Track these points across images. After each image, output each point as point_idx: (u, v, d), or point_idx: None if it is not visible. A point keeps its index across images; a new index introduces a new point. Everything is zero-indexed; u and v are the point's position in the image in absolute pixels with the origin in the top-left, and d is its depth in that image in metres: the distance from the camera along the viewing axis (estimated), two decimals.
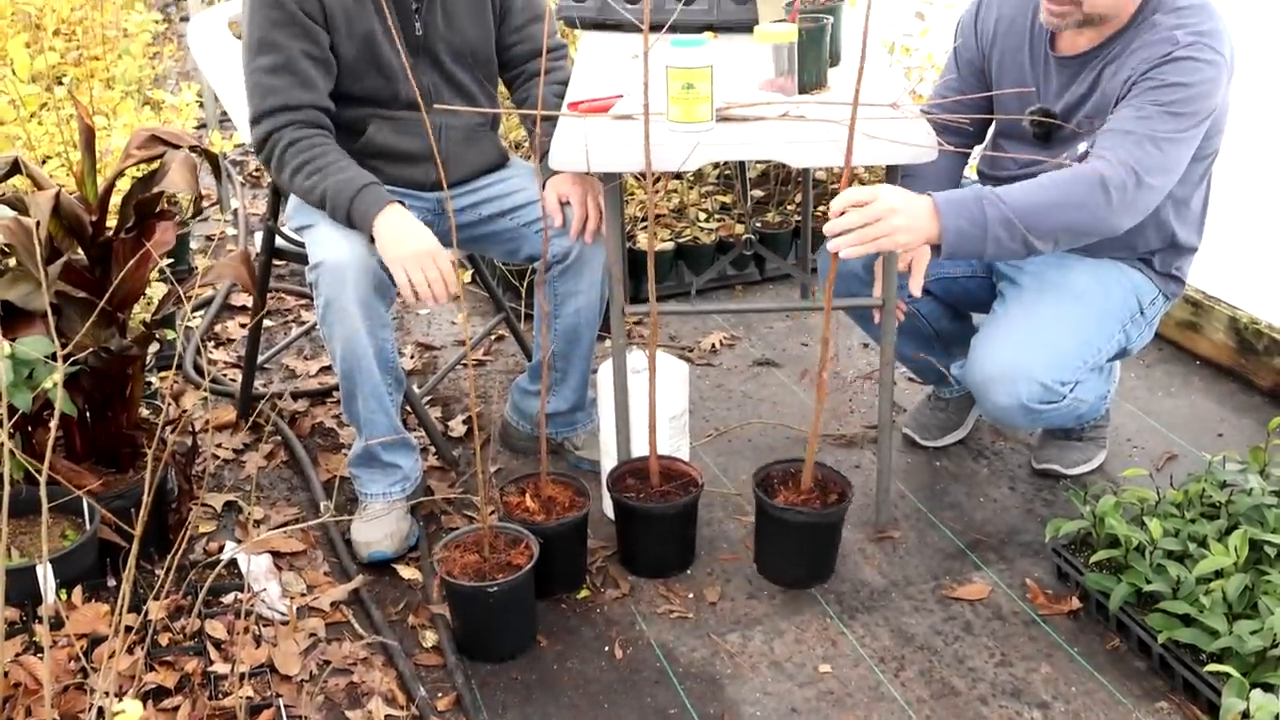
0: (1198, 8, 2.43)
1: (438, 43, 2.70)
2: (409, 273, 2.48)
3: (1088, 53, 2.52)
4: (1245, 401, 3.29)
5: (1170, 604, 2.28)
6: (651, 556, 2.65)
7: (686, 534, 2.67)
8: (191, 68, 6.50)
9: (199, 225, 4.62)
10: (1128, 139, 2.37)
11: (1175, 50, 2.38)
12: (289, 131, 2.55)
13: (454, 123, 2.77)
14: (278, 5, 2.52)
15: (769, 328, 3.80)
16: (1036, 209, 2.35)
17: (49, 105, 3.93)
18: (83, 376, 2.45)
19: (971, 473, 3.02)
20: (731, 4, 3.10)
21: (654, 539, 2.63)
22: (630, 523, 2.63)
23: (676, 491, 2.61)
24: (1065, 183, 2.36)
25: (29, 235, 2.30)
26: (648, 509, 2.58)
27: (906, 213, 2.29)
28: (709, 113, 2.40)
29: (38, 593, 2.20)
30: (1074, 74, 2.55)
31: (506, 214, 2.83)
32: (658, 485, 2.62)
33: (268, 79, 2.55)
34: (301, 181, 2.54)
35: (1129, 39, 2.47)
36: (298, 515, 2.88)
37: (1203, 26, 2.40)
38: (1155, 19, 2.44)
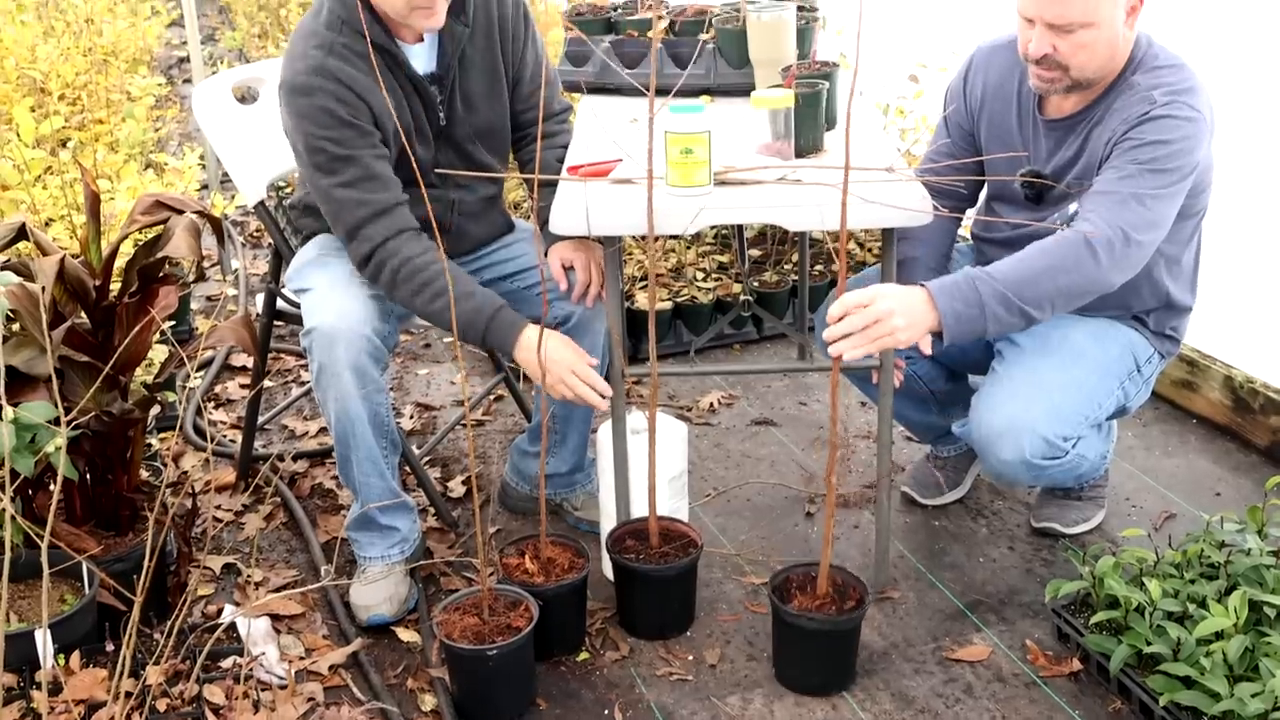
0: (1174, 68, 2.48)
1: (458, 127, 2.72)
2: (562, 394, 2.53)
3: (1074, 116, 2.57)
4: (1242, 460, 3.30)
5: (1171, 666, 2.28)
6: (651, 618, 2.65)
7: (687, 595, 2.67)
8: (194, 129, 6.55)
9: (200, 286, 4.65)
10: (1111, 199, 2.40)
11: (1153, 109, 2.42)
12: (393, 245, 2.52)
13: (467, 197, 2.79)
14: (333, 116, 2.49)
15: (767, 387, 3.81)
16: (1028, 279, 2.36)
17: (53, 169, 3.97)
18: (84, 440, 2.46)
19: (971, 532, 3.02)
20: (729, 69, 3.13)
21: (654, 600, 2.63)
22: (630, 584, 2.63)
23: (676, 553, 2.61)
24: (1052, 249, 2.39)
25: (34, 301, 2.32)
26: (647, 571, 2.58)
27: (905, 311, 2.32)
28: (707, 177, 2.43)
29: (36, 658, 2.19)
30: (1062, 137, 2.59)
31: (508, 278, 2.85)
32: (657, 546, 2.62)
33: (351, 193, 2.52)
34: (425, 305, 2.53)
35: (1110, 100, 2.52)
36: (297, 577, 2.88)
37: (1179, 85, 2.45)
38: (1134, 80, 2.49)
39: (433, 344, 4.23)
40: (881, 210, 2.37)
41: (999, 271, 2.37)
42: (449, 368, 4.03)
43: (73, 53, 5.49)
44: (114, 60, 5.74)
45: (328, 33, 2.52)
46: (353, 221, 2.54)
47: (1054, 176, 2.60)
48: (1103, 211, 2.39)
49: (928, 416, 3.03)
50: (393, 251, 2.52)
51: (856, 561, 2.87)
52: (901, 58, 4.12)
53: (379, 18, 2.54)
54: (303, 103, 2.50)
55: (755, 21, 2.95)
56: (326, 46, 2.50)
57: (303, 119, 2.51)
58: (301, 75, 2.50)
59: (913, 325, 2.33)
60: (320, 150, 2.51)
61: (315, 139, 2.51)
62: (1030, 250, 2.42)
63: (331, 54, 2.49)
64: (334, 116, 2.49)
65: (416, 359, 4.12)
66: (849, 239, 4.35)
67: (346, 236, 2.56)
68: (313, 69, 2.49)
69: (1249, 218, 3.12)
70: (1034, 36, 2.43)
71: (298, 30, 2.59)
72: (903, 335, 2.32)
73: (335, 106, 2.49)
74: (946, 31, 3.87)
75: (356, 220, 2.53)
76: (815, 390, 3.77)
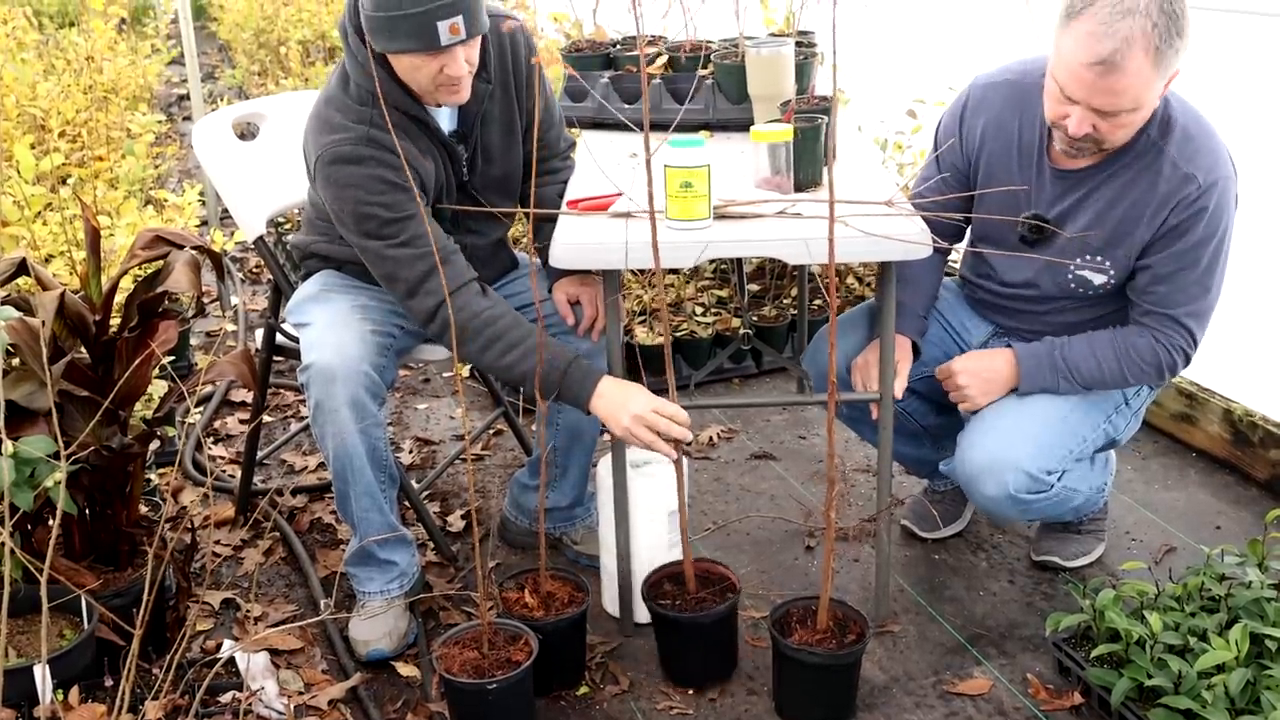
0: (1207, 140, 2.46)
1: (476, 179, 2.74)
2: (639, 442, 2.47)
3: (1088, 170, 2.54)
4: (1242, 494, 3.30)
5: (1173, 699, 2.27)
6: (693, 666, 2.61)
7: (729, 641, 2.63)
8: (194, 166, 6.59)
9: (200, 321, 4.66)
10: (1181, 321, 2.55)
11: (1201, 199, 2.44)
12: (459, 300, 2.49)
13: (479, 241, 2.80)
14: (385, 182, 2.48)
15: (766, 421, 3.81)
16: (1096, 378, 2.61)
17: (53, 205, 3.98)
18: (83, 474, 2.45)
19: (971, 566, 3.02)
20: (727, 104, 3.15)
21: (695, 648, 2.60)
22: (668, 633, 2.60)
23: (714, 597, 2.58)
24: (1127, 361, 2.59)
25: (34, 336, 2.32)
26: (685, 619, 2.55)
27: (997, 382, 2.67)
28: (707, 210, 2.44)
29: (35, 693, 2.18)
30: (1070, 186, 2.57)
31: None
32: (695, 591, 2.59)
33: (407, 251, 2.50)
34: (494, 360, 2.52)
35: (1131, 158, 2.49)
36: (296, 612, 2.88)
37: (1220, 170, 2.45)
38: (1161, 145, 2.46)
39: (432, 379, 4.23)
40: (881, 243, 2.38)
41: (1079, 371, 2.61)
42: (448, 402, 4.03)
43: (73, 90, 5.52)
44: (114, 98, 5.77)
45: (361, 107, 2.51)
46: (414, 278, 2.51)
47: (1056, 222, 2.60)
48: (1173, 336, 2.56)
49: (921, 451, 3.03)
50: (459, 307, 2.49)
51: (856, 595, 2.87)
52: (899, 93, 4.14)
53: (405, 87, 2.54)
54: (352, 171, 2.49)
55: (754, 57, 2.97)
56: (367, 120, 2.50)
57: (352, 188, 2.49)
58: (348, 145, 2.49)
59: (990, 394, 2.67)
60: (372, 217, 2.49)
61: (366, 205, 2.49)
62: (1107, 351, 2.60)
63: (373, 125, 2.49)
64: (386, 182, 2.48)
65: (416, 394, 4.12)
66: (847, 272, 4.37)
67: (408, 293, 2.53)
68: (360, 139, 2.49)
69: (1247, 253, 3.13)
70: (1074, 115, 2.37)
71: (326, 103, 2.57)
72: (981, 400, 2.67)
73: (387, 173, 2.48)
74: (943, 67, 3.89)
75: (417, 275, 2.50)
76: (814, 424, 3.78)
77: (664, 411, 2.45)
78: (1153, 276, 2.53)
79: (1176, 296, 2.53)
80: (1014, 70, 2.64)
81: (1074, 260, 2.58)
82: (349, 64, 2.55)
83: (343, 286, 2.75)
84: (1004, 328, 2.83)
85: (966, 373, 2.67)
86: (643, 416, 2.44)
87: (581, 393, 2.50)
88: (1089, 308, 2.67)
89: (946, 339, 2.86)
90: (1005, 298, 2.77)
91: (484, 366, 2.58)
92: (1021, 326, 2.77)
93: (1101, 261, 2.56)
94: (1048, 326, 2.71)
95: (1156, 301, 2.55)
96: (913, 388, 2.75)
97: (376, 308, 2.68)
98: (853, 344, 2.76)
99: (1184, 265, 2.50)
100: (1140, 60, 2.25)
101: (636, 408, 2.45)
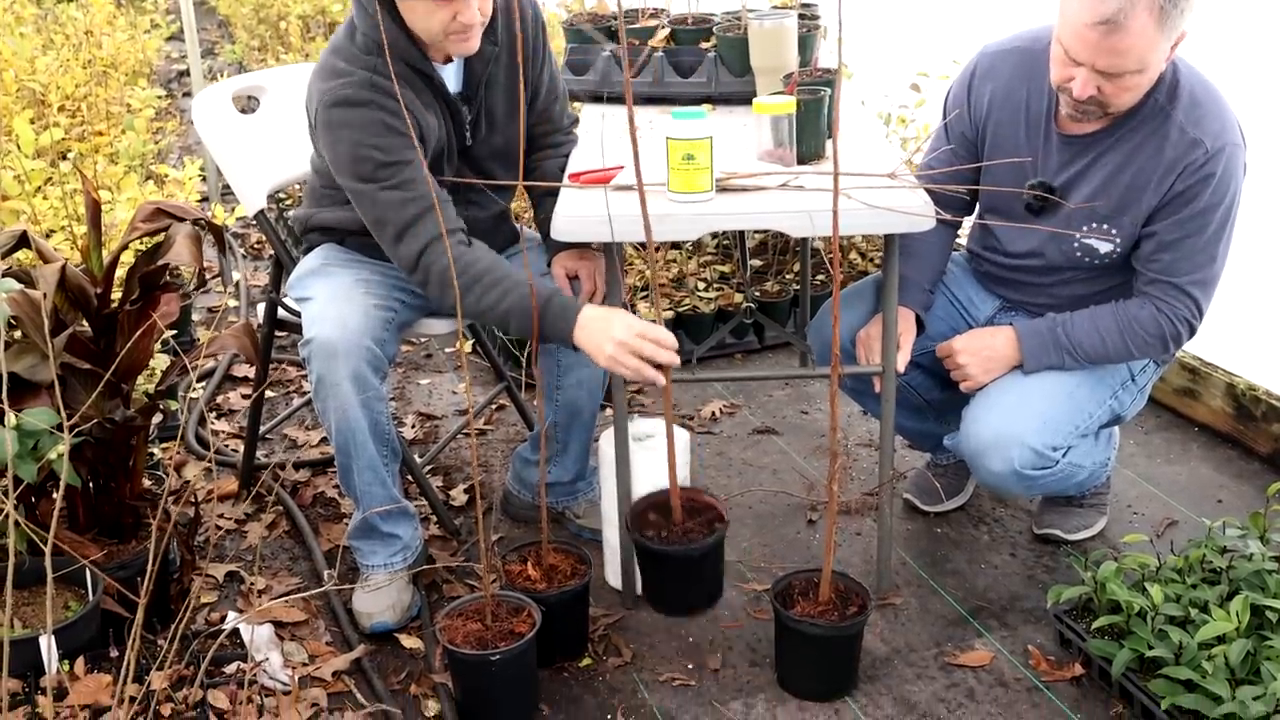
0: (1215, 107, 2.46)
1: (479, 147, 2.73)
2: (626, 370, 2.40)
3: (1094, 134, 2.54)
4: (1244, 467, 3.30)
5: (1173, 670, 2.28)
6: (676, 596, 2.60)
7: (716, 571, 2.60)
8: (194, 142, 6.57)
9: (201, 297, 4.65)
10: (1186, 290, 2.55)
11: (1209, 164, 2.44)
12: (442, 246, 2.46)
13: (480, 214, 2.79)
14: (384, 126, 2.47)
15: (768, 396, 3.81)
16: (1100, 352, 2.61)
17: (54, 180, 3.98)
18: (86, 447, 2.46)
19: (972, 539, 3.02)
20: (730, 76, 3.14)
21: (677, 580, 2.57)
22: (652, 566, 2.58)
23: (700, 529, 2.53)
24: (1130, 334, 2.59)
25: (35, 308, 2.32)
26: (670, 552, 2.51)
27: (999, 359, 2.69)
28: (709, 183, 2.43)
29: (40, 664, 2.19)
30: (1078, 152, 2.57)
31: None
32: (681, 522, 2.54)
33: (397, 194, 2.49)
34: (476, 302, 2.47)
35: (1138, 123, 2.49)
36: (300, 585, 2.88)
37: (1229, 136, 2.45)
38: (1170, 113, 2.46)
39: (434, 354, 4.23)
40: (885, 215, 2.37)
41: (1082, 346, 2.61)
42: (451, 377, 4.03)
43: (72, 65, 5.49)
44: (114, 73, 5.75)
45: (367, 56, 2.51)
46: (401, 221, 2.50)
47: (1063, 189, 2.59)
48: (1178, 306, 2.55)
49: (924, 425, 3.04)
50: (442, 252, 2.46)
51: (858, 568, 2.88)
52: (902, 67, 4.13)
53: (413, 40, 2.54)
54: (352, 114, 2.48)
55: (757, 29, 2.96)
56: (370, 67, 2.49)
57: (350, 129, 2.49)
58: (350, 89, 2.48)
59: (991, 372, 2.68)
60: (367, 159, 2.48)
61: (363, 148, 2.48)
62: (1109, 324, 2.59)
63: (376, 73, 2.48)
64: (385, 126, 2.47)
65: (418, 369, 4.12)
66: (850, 248, 4.37)
67: (395, 237, 2.51)
68: (362, 84, 2.48)
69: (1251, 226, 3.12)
70: (1079, 78, 2.37)
71: (332, 52, 2.57)
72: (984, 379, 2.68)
73: (386, 118, 2.47)
74: (947, 40, 3.88)
75: (405, 219, 2.49)
76: (817, 399, 3.78)
77: (648, 334, 2.38)
78: (1158, 244, 2.53)
79: (1181, 264, 2.52)
80: (1024, 38, 2.63)
81: (1080, 229, 2.58)
82: (356, 15, 2.54)
83: (344, 260, 2.74)
84: (1011, 301, 2.82)
85: (967, 351, 2.67)
86: (626, 343, 2.37)
87: (564, 326, 2.43)
88: (1096, 279, 2.66)
89: (953, 313, 2.86)
90: (1011, 270, 2.77)
91: (467, 309, 2.51)
92: (1028, 300, 2.77)
93: (1108, 229, 2.56)
94: (1054, 299, 2.71)
95: (1161, 270, 2.54)
96: (916, 361, 2.75)
97: (379, 281, 2.67)
98: (856, 317, 2.76)
99: (1190, 232, 2.49)
100: (1144, 20, 2.25)
101: (619, 333, 2.38)
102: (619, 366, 2.40)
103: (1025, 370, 2.64)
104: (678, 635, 2.68)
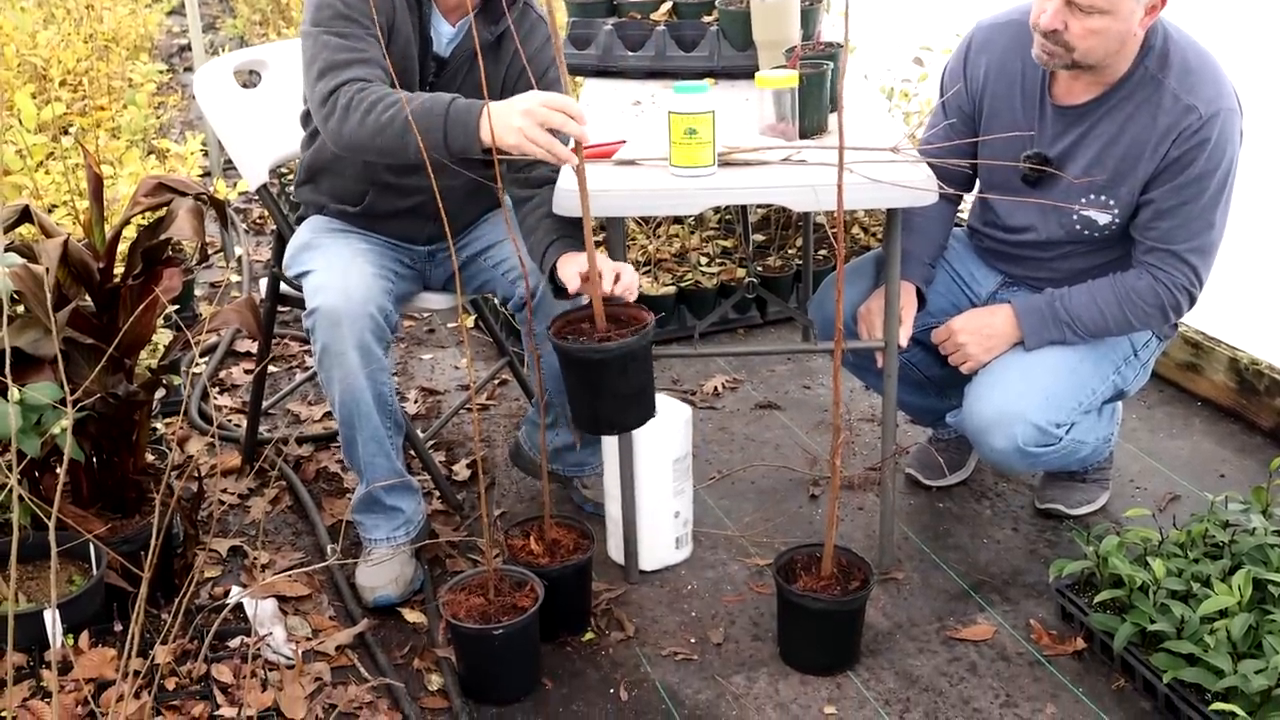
0: (1209, 72, 2.46)
1: None
2: (538, 147, 2.25)
3: (1087, 103, 2.54)
4: (1247, 442, 3.30)
5: (1175, 644, 2.28)
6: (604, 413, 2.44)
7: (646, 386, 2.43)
8: (195, 117, 6.55)
9: (203, 273, 4.65)
10: (1184, 257, 2.53)
11: (1204, 129, 2.43)
12: (360, 84, 2.41)
13: (455, 183, 2.74)
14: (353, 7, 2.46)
15: (771, 371, 3.81)
16: (1100, 326, 2.61)
17: (55, 155, 3.97)
18: (90, 422, 2.46)
19: (974, 514, 3.03)
20: (732, 51, 3.13)
21: (606, 392, 2.39)
22: (576, 373, 2.39)
23: (625, 333, 2.35)
24: (1129, 305, 2.58)
25: (38, 282, 2.32)
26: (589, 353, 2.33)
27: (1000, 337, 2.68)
28: (711, 157, 2.43)
29: (45, 638, 2.20)
30: (1071, 122, 2.57)
31: (478, 256, 2.85)
32: (604, 329, 2.37)
33: (338, 40, 2.45)
34: (376, 121, 2.35)
35: (1130, 91, 2.50)
36: (303, 559, 2.89)
37: (1223, 102, 2.44)
38: (1161, 79, 2.46)
39: (436, 329, 4.23)
40: (888, 190, 2.37)
41: (1081, 320, 2.60)
42: (453, 353, 4.03)
43: (74, 39, 5.48)
44: (115, 47, 5.73)
45: None
46: (328, 62, 2.44)
47: (1059, 160, 2.59)
48: (1175, 274, 2.54)
49: (927, 400, 3.04)
50: (357, 87, 2.40)
51: (861, 543, 2.88)
52: (905, 41, 4.11)
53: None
54: None
55: (759, 3, 2.95)
56: None
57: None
58: None
59: (991, 350, 2.67)
60: (328, 6, 2.46)
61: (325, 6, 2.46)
62: (1107, 296, 2.58)
63: None
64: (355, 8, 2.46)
65: (421, 344, 4.12)
66: (853, 222, 4.36)
67: (317, 75, 2.44)
68: None
69: (1255, 200, 3.11)
70: (1049, 8, 2.40)
71: None
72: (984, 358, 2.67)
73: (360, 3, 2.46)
74: (950, 14, 3.86)
75: (333, 62, 2.43)
76: (819, 374, 3.78)
77: (555, 104, 2.24)
78: (1155, 212, 2.53)
79: (1179, 232, 2.52)
80: (1019, 11, 2.63)
81: (1078, 200, 2.57)
82: None
83: (333, 231, 2.74)
84: (1013, 277, 2.82)
85: (966, 331, 2.67)
86: (533, 111, 2.23)
87: (469, 123, 2.30)
88: (1096, 252, 2.66)
89: (955, 289, 2.86)
90: (1012, 245, 2.76)
91: (367, 135, 2.37)
92: (1029, 275, 2.77)
93: (1105, 200, 2.56)
94: (1055, 273, 2.70)
95: (1159, 238, 2.54)
96: (916, 338, 2.75)
97: (371, 250, 2.67)
98: (858, 292, 2.76)
99: (1186, 199, 2.49)
100: None
101: (524, 104, 2.25)
102: (529, 145, 2.25)
103: (1027, 346, 2.63)
104: (680, 610, 2.69)
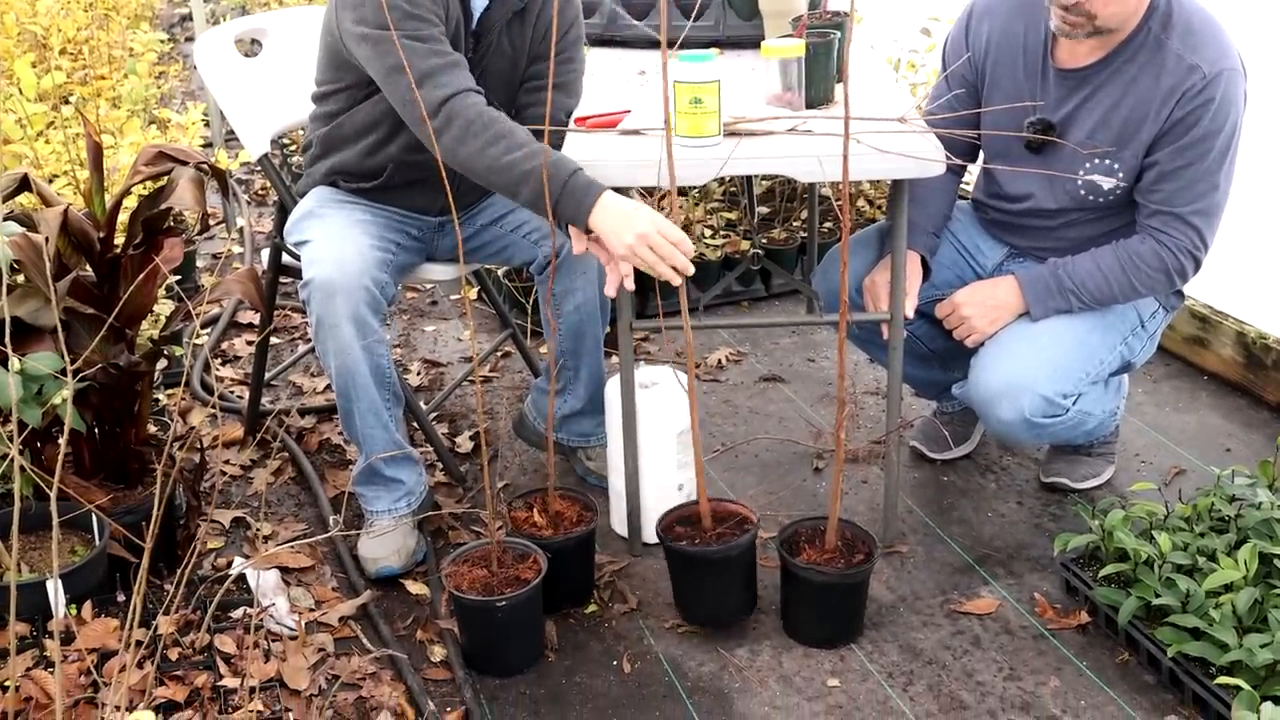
0: (1211, 33, 2.45)
1: None
2: (643, 262, 2.31)
3: (1089, 66, 2.53)
4: (1253, 416, 3.29)
5: (1180, 618, 2.28)
6: (709, 603, 2.53)
7: (749, 578, 2.54)
8: (197, 87, 6.53)
9: (205, 244, 4.64)
10: (1188, 220, 2.52)
11: (1207, 89, 2.41)
12: (471, 98, 2.40)
13: None
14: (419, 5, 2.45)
15: (775, 343, 3.80)
16: (1110, 295, 2.60)
17: (55, 124, 3.95)
18: (91, 393, 2.45)
19: (979, 487, 3.02)
20: (738, 20, 3.11)
21: (712, 586, 2.51)
22: (686, 570, 2.52)
23: (730, 532, 2.49)
24: (1133, 270, 2.57)
25: (38, 252, 2.30)
26: (705, 554, 2.46)
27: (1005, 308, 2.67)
28: (716, 127, 2.41)
29: (48, 608, 2.20)
30: (1075, 86, 2.56)
31: (496, 222, 2.85)
32: (711, 528, 2.49)
33: (421, 44, 2.43)
34: (497, 158, 2.35)
35: (1132, 53, 2.48)
36: (306, 531, 2.89)
37: (1225, 62, 2.42)
38: (1163, 39, 2.45)
39: (439, 301, 4.22)
40: (895, 160, 2.35)
41: (1085, 287, 2.59)
42: (456, 325, 4.02)
43: (74, 8, 5.44)
44: (115, 16, 5.70)
45: None
46: (425, 68, 2.41)
47: (1062, 125, 2.57)
48: (1179, 237, 2.53)
49: (930, 373, 3.02)
50: (471, 103, 2.39)
51: (865, 516, 2.87)
52: (912, 11, 4.08)
53: None
54: None
55: None
56: None
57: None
58: None
59: (996, 322, 2.66)
60: (396, 7, 2.42)
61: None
62: (1111, 262, 2.57)
63: None
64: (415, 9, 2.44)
65: (423, 316, 4.11)
66: (858, 194, 4.34)
67: (417, 82, 2.40)
68: None
69: (1260, 173, 3.09)
70: None
71: None
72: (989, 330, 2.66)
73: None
74: None
75: (429, 67, 2.41)
76: (823, 347, 3.76)
77: (669, 236, 2.29)
78: (1159, 174, 2.51)
79: (1183, 194, 2.50)
80: None
81: (1083, 165, 2.56)
82: None
83: (338, 202, 2.73)
84: (1018, 248, 2.80)
85: (970, 303, 2.66)
86: (647, 236, 2.28)
87: (585, 201, 2.31)
88: (1102, 220, 2.64)
89: (960, 262, 2.84)
90: (1017, 215, 2.74)
91: (483, 165, 2.38)
92: (1035, 245, 2.75)
93: (1110, 164, 2.54)
94: (1061, 243, 2.68)
95: (1163, 200, 2.52)
96: (921, 310, 2.73)
97: (373, 222, 2.66)
98: (863, 264, 2.74)
99: (1190, 160, 2.47)
100: None
101: (642, 226, 2.28)
102: (634, 258, 2.31)
103: (1033, 316, 2.62)
104: None
